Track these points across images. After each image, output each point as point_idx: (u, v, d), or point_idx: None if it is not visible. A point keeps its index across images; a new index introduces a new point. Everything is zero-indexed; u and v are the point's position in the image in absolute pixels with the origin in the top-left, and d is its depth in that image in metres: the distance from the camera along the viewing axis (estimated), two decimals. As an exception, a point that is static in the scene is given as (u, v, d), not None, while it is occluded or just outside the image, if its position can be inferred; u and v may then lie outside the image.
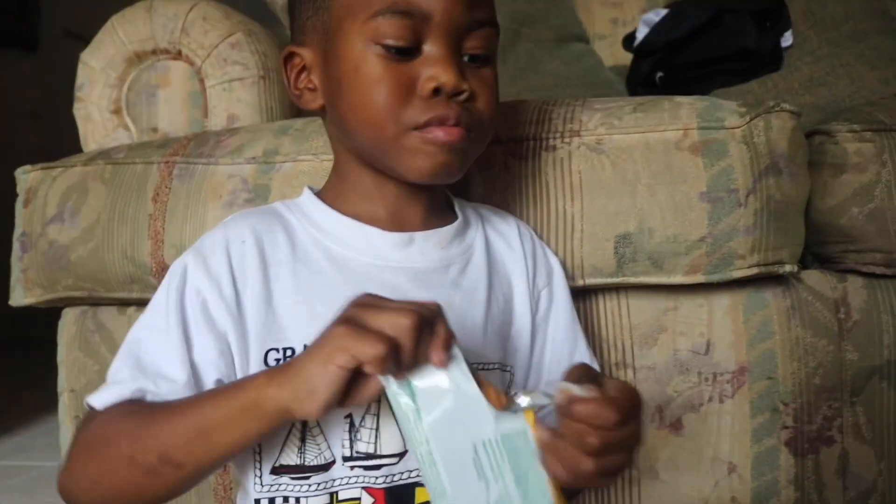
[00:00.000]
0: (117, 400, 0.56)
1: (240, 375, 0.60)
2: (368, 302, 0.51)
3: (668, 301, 0.80)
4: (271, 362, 0.59)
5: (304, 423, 0.58)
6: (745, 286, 0.79)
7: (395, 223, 0.65)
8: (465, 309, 0.64)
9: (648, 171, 0.74)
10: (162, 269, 0.84)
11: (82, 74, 1.15)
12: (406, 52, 0.59)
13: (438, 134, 0.59)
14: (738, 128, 0.74)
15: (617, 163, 0.75)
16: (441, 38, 0.59)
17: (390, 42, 0.58)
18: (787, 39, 1.27)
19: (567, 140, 0.76)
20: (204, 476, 0.56)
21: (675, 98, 0.80)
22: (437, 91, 0.58)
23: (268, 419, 0.51)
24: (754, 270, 0.74)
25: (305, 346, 0.57)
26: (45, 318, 1.02)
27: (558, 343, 0.71)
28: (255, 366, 0.59)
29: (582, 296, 0.80)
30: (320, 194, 0.68)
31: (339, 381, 0.48)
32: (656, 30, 1.30)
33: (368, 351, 0.47)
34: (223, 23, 1.12)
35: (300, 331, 0.59)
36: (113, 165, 0.90)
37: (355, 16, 0.59)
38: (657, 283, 0.76)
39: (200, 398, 0.55)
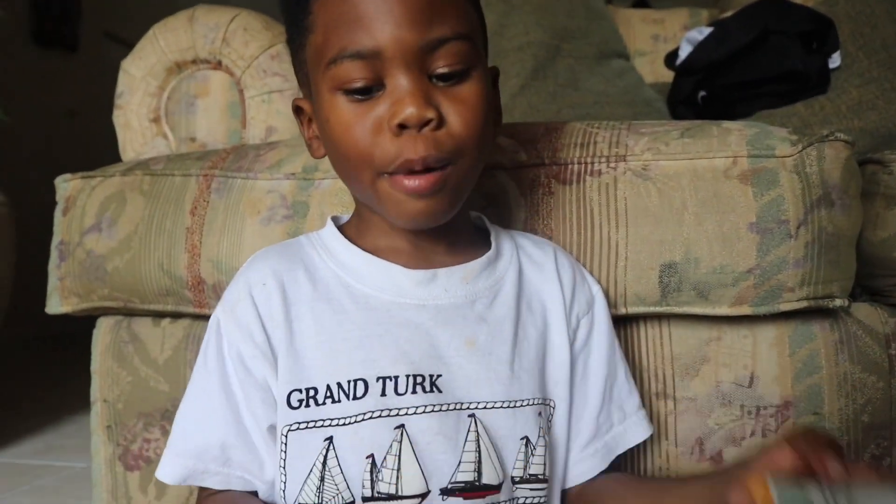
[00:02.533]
0: (177, 476, 0.62)
1: None
2: None
3: (712, 331, 0.78)
4: (294, 403, 0.60)
5: (324, 463, 0.59)
6: (791, 318, 0.77)
7: (418, 258, 0.64)
8: (489, 345, 0.63)
9: (696, 199, 0.72)
10: (198, 283, 0.84)
11: (122, 82, 1.15)
12: (369, 92, 0.57)
13: (406, 183, 0.57)
14: (790, 157, 0.72)
15: (664, 190, 0.73)
16: (398, 69, 0.56)
17: (349, 86, 0.57)
18: (834, 61, 1.25)
19: (613, 165, 0.75)
20: None
21: (724, 124, 0.78)
22: (402, 126, 0.56)
23: None
24: (803, 304, 0.72)
25: (328, 386, 0.60)
26: (77, 319, 1.03)
27: (599, 374, 0.69)
28: (281, 406, 0.61)
29: (624, 324, 0.78)
30: (344, 227, 0.68)
31: None
32: (700, 48, 1.28)
33: None
34: (264, 34, 1.12)
35: (322, 370, 0.60)
36: (151, 177, 0.90)
37: (317, 68, 0.59)
38: (702, 313, 0.74)
39: None
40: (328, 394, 0.60)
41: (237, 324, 0.61)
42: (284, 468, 0.61)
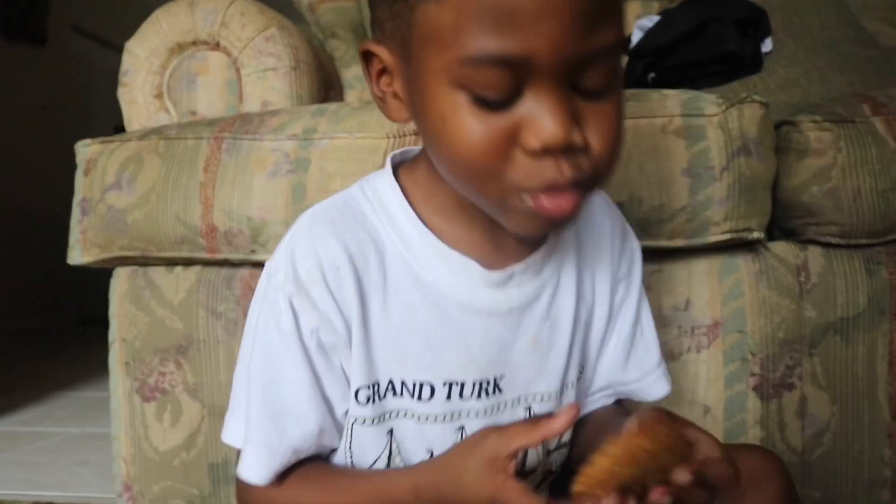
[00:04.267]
0: (272, 474, 0.58)
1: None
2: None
3: (654, 265, 0.92)
4: (362, 399, 0.59)
5: (389, 456, 0.61)
6: (720, 252, 0.92)
7: (493, 251, 0.59)
8: (550, 340, 0.63)
9: (638, 150, 0.86)
10: (211, 230, 0.96)
11: (127, 61, 1.26)
12: (506, 105, 0.48)
13: (546, 205, 0.50)
14: (716, 115, 0.86)
15: (612, 142, 0.87)
16: (546, 82, 0.47)
17: (485, 95, 0.48)
18: (767, 45, 1.40)
19: (569, 122, 0.89)
20: None
21: (664, 91, 0.92)
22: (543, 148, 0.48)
23: None
24: (727, 236, 0.87)
25: (391, 382, 0.59)
26: (67, 305, 1.13)
27: (623, 332, 0.69)
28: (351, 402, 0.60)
29: (579, 258, 0.92)
30: (406, 183, 0.61)
31: None
32: (649, 34, 1.43)
33: None
34: (259, 18, 1.24)
35: (388, 366, 0.59)
36: (166, 140, 1.02)
37: (440, 50, 0.48)
38: (645, 246, 0.88)
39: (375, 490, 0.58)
40: (391, 388, 0.59)
41: (315, 308, 0.57)
42: (351, 452, 0.61)
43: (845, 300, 0.91)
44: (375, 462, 0.61)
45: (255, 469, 0.58)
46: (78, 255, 1.05)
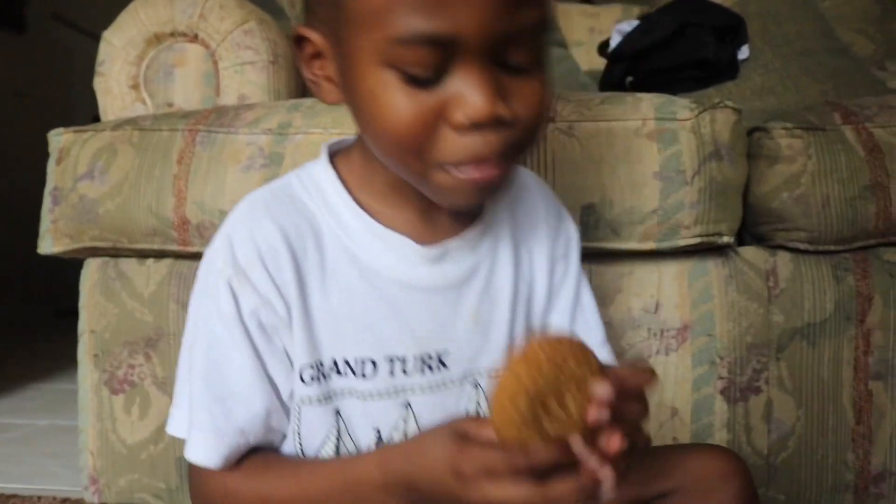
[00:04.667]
0: (222, 458, 0.57)
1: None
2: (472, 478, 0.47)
3: (625, 267, 0.93)
4: (306, 378, 0.59)
5: (338, 436, 0.60)
6: (691, 256, 0.92)
7: (426, 228, 0.61)
8: (491, 315, 0.64)
9: (611, 153, 0.87)
10: (183, 223, 0.96)
11: (104, 51, 1.25)
12: (434, 82, 0.50)
13: (474, 175, 0.52)
14: (688, 119, 0.87)
15: (585, 146, 0.88)
16: (473, 60, 0.49)
17: (414, 72, 0.49)
18: (743, 52, 1.42)
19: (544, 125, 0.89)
20: None
21: (637, 95, 0.93)
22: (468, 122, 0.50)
23: None
24: (697, 240, 0.88)
25: (335, 361, 0.59)
26: (43, 294, 1.12)
27: (564, 312, 0.70)
28: (294, 379, 0.60)
29: (551, 259, 0.93)
30: (341, 167, 0.62)
31: None
32: (628, 39, 1.44)
33: None
34: (238, 11, 1.23)
35: (330, 345, 0.59)
36: (140, 131, 1.01)
37: (371, 31, 0.50)
38: (616, 248, 0.89)
39: (332, 477, 0.56)
40: (335, 368, 0.60)
41: (254, 290, 0.57)
42: (300, 436, 0.61)
43: (812, 305, 0.92)
44: (324, 443, 0.61)
45: (205, 452, 0.58)
46: (48, 244, 1.04)
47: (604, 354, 0.70)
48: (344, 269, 0.60)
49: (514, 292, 0.65)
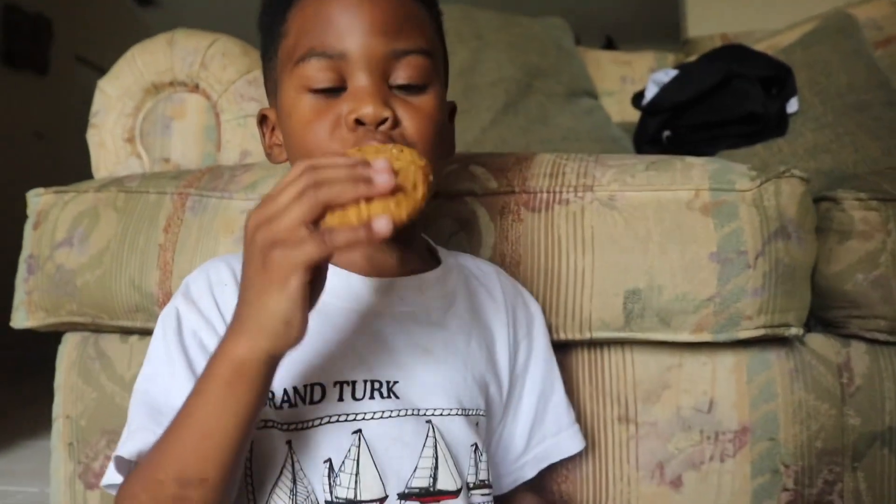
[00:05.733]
0: (143, 447, 0.55)
1: None
2: (260, 206, 0.48)
3: (673, 357, 0.80)
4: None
5: (293, 466, 0.58)
6: (749, 346, 0.80)
7: (373, 269, 0.64)
8: (444, 354, 0.65)
9: (660, 229, 0.75)
10: (168, 300, 0.84)
11: (98, 101, 1.16)
12: (332, 92, 0.60)
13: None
14: (749, 191, 0.75)
15: (629, 219, 0.76)
16: (362, 72, 0.59)
17: (314, 85, 0.60)
18: (792, 106, 1.30)
19: (580, 194, 0.77)
20: (232, 480, 0.53)
21: (687, 159, 0.81)
22: (359, 122, 0.58)
23: (259, 377, 0.49)
24: (761, 332, 0.75)
25: (285, 391, 0.59)
26: (36, 345, 1.02)
27: (533, 391, 0.72)
28: None
29: (588, 348, 0.80)
30: None
31: (304, 292, 0.46)
32: (665, 90, 1.32)
33: (307, 243, 0.45)
34: (242, 59, 1.14)
35: (280, 376, 0.56)
36: (126, 194, 0.91)
37: (285, 66, 0.62)
38: (664, 339, 0.77)
39: (185, 405, 0.52)
40: (285, 398, 0.60)
41: (200, 315, 0.60)
42: (250, 468, 0.59)
43: (895, 406, 0.79)
44: (276, 473, 0.58)
45: (124, 445, 0.56)
46: (22, 317, 0.93)
47: (574, 431, 0.73)
48: None
49: (467, 342, 0.66)
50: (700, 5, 2.70)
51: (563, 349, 0.80)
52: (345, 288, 0.63)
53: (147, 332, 0.90)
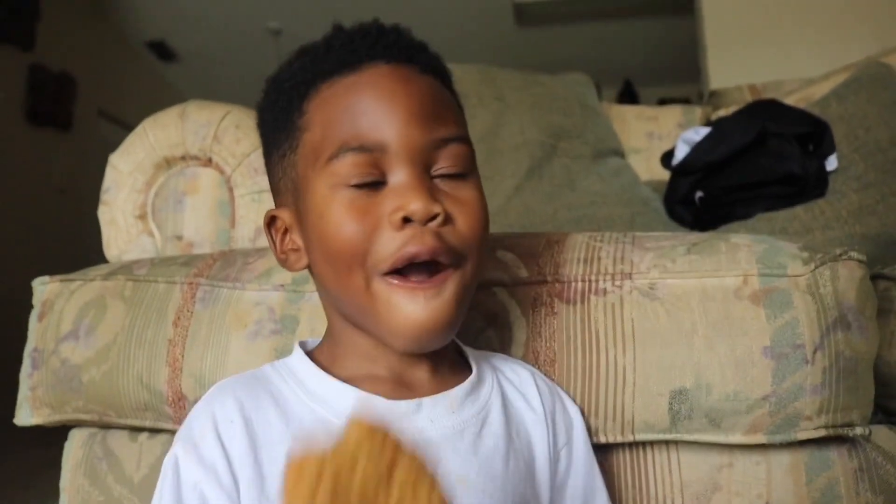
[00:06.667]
0: None
1: None
2: None
3: (723, 457, 0.73)
4: None
5: None
6: (807, 444, 0.72)
7: (399, 387, 0.60)
8: (482, 482, 0.59)
9: (706, 321, 0.69)
10: (179, 399, 0.79)
11: (110, 177, 1.13)
12: (370, 187, 0.55)
13: (410, 279, 0.55)
14: (803, 276, 0.69)
15: (672, 311, 0.69)
16: (403, 165, 0.55)
17: (351, 181, 0.55)
18: (831, 163, 1.24)
19: (618, 283, 0.71)
20: None
21: (732, 238, 0.75)
22: (406, 220, 0.54)
23: None
24: (821, 433, 0.68)
25: None
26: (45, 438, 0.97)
27: (575, 502, 0.66)
28: None
29: (630, 449, 0.74)
30: (315, 354, 0.63)
31: None
32: (697, 149, 1.27)
33: None
34: (255, 132, 1.09)
35: None
36: (134, 282, 0.86)
37: (315, 164, 0.57)
38: (714, 441, 0.70)
39: None
40: None
41: (200, 463, 0.55)
42: None
43: (973, 511, 0.71)
44: None
45: None
46: (26, 414, 0.88)
47: None
48: (312, 432, 0.57)
49: (505, 464, 0.60)
50: (721, 52, 2.66)
51: (603, 450, 0.73)
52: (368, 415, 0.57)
53: (156, 431, 0.85)
